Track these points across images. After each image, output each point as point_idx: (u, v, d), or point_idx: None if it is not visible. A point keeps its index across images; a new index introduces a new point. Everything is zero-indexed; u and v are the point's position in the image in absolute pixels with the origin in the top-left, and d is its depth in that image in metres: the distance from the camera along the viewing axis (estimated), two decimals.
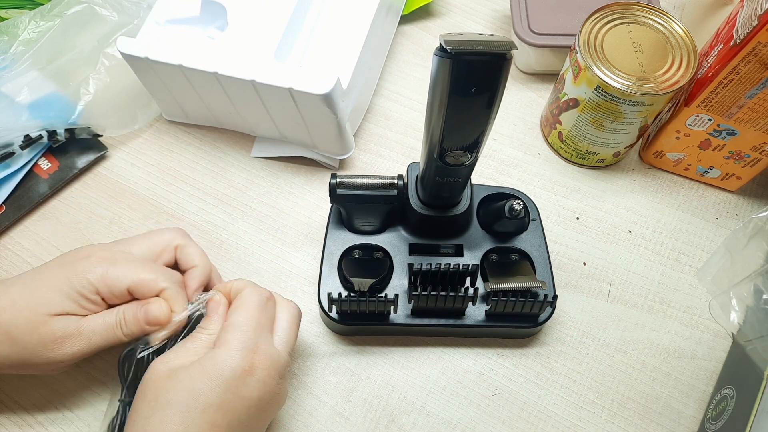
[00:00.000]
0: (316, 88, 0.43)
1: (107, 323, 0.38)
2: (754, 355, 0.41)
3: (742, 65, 0.41)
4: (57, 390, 0.44)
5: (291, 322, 0.39)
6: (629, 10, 0.48)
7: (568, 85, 0.49)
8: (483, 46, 0.28)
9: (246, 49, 0.46)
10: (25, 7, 0.56)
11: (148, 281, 0.39)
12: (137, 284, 0.38)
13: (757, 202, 0.53)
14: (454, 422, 0.44)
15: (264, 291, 0.39)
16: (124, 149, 0.54)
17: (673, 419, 0.44)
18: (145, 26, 0.48)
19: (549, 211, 0.52)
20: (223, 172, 0.53)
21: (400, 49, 0.60)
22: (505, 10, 0.63)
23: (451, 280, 0.42)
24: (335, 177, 0.42)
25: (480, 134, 0.34)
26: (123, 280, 0.38)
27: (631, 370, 0.46)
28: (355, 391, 0.44)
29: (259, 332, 0.36)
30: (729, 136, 0.48)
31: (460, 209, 0.43)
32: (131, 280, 0.38)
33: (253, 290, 0.38)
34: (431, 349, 0.46)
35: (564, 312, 0.48)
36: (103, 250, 0.40)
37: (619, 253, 0.50)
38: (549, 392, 0.45)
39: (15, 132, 0.49)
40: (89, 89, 0.50)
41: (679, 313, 0.48)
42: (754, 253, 0.45)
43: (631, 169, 0.55)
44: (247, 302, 0.38)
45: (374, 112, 0.57)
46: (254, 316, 0.37)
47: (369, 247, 0.45)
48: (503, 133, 0.56)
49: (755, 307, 0.44)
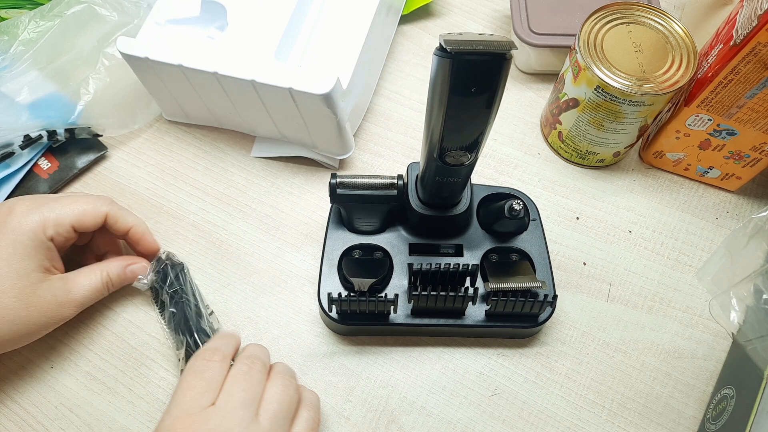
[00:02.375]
0: (316, 88, 0.43)
1: (94, 287, 0.42)
2: (754, 355, 0.41)
3: (742, 65, 0.41)
4: (57, 390, 0.44)
5: (237, 376, 0.37)
6: (629, 10, 0.48)
7: (568, 85, 0.49)
8: (483, 46, 0.28)
9: (246, 49, 0.46)
10: (25, 7, 0.56)
11: (90, 210, 0.41)
12: (80, 217, 0.40)
13: (757, 202, 0.53)
14: (454, 422, 0.44)
15: (204, 354, 0.38)
16: (124, 149, 0.54)
17: (673, 419, 0.44)
18: (145, 26, 0.48)
19: (549, 211, 0.52)
20: (223, 172, 0.53)
21: (400, 49, 0.60)
22: (505, 10, 0.63)
23: (451, 280, 0.42)
24: (335, 177, 0.42)
25: (480, 134, 0.34)
26: (64, 217, 0.40)
27: (631, 370, 0.46)
28: (355, 391, 0.44)
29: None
30: (729, 136, 0.48)
31: (460, 209, 0.43)
32: (73, 214, 0.40)
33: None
34: (431, 349, 0.46)
35: (564, 312, 0.48)
36: (22, 200, 0.41)
37: (619, 253, 0.50)
38: (549, 392, 0.45)
39: (15, 132, 0.49)
40: (89, 89, 0.50)
41: (679, 313, 0.48)
42: (754, 253, 0.45)
43: (631, 169, 0.55)
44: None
45: (374, 112, 0.57)
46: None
47: (369, 247, 0.45)
48: (503, 133, 0.56)
49: (755, 307, 0.44)
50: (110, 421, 0.43)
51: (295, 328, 0.47)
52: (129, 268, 0.44)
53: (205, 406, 0.34)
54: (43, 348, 0.45)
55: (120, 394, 0.44)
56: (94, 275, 0.42)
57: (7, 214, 0.39)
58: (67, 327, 0.45)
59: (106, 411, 0.43)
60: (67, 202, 0.41)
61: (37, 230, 0.39)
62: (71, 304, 0.41)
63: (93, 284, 0.42)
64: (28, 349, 0.45)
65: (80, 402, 0.44)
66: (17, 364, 0.44)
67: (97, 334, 0.46)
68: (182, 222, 0.51)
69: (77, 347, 0.45)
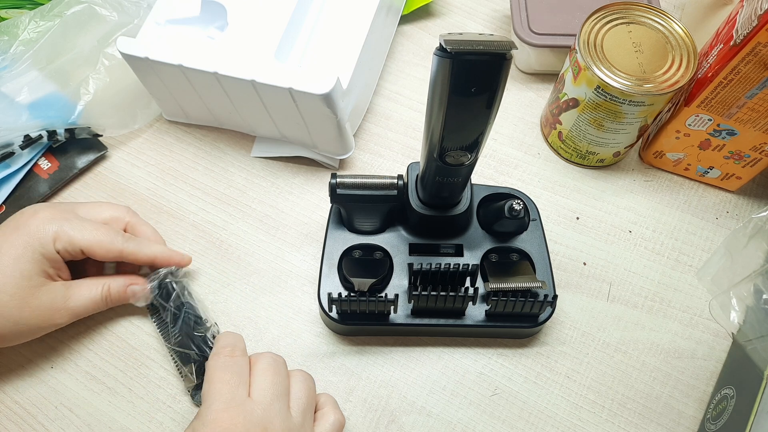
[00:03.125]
0: (316, 88, 0.43)
1: (93, 299, 0.42)
2: (754, 355, 0.41)
3: (742, 65, 0.41)
4: (57, 390, 0.44)
5: (266, 370, 0.38)
6: (629, 10, 0.48)
7: (568, 85, 0.49)
8: (483, 46, 0.28)
9: (246, 49, 0.46)
10: (25, 7, 0.56)
11: (105, 243, 0.41)
12: (92, 245, 0.40)
13: (757, 202, 0.53)
14: (454, 422, 0.44)
15: (223, 350, 0.38)
16: (124, 149, 0.54)
17: (673, 419, 0.44)
18: (145, 26, 0.48)
19: (549, 211, 0.52)
20: (223, 172, 0.53)
21: (400, 49, 0.60)
22: (505, 10, 0.63)
23: (451, 280, 0.42)
24: (335, 177, 0.42)
25: (480, 134, 0.34)
26: (78, 239, 0.40)
27: (631, 370, 0.46)
28: (355, 391, 0.44)
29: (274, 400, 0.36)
30: (729, 136, 0.48)
31: (460, 209, 0.43)
32: (87, 240, 0.40)
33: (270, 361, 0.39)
34: (431, 349, 0.46)
35: (564, 312, 0.48)
36: (48, 207, 0.42)
37: (619, 253, 0.50)
38: (549, 392, 0.45)
39: (15, 132, 0.49)
40: (89, 89, 0.50)
41: (679, 313, 0.48)
42: (754, 253, 0.45)
43: (631, 169, 0.55)
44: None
45: (374, 112, 0.57)
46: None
47: (369, 247, 0.45)
48: (503, 133, 0.56)
49: (755, 307, 0.44)
50: (110, 421, 0.43)
51: (295, 328, 0.47)
52: (130, 288, 0.44)
53: (243, 398, 0.35)
54: (43, 348, 0.45)
55: (120, 394, 0.44)
56: (95, 288, 0.42)
57: (30, 216, 0.40)
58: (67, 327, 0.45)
59: (106, 411, 0.43)
60: (89, 227, 0.41)
61: (48, 240, 0.39)
62: (66, 312, 0.41)
63: (92, 296, 0.42)
64: (28, 349, 0.45)
65: (80, 402, 0.44)
66: (17, 364, 0.44)
67: (97, 334, 0.46)
68: (182, 222, 0.51)
69: (77, 347, 0.45)
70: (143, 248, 0.43)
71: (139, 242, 0.43)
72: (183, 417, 0.43)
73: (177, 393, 0.44)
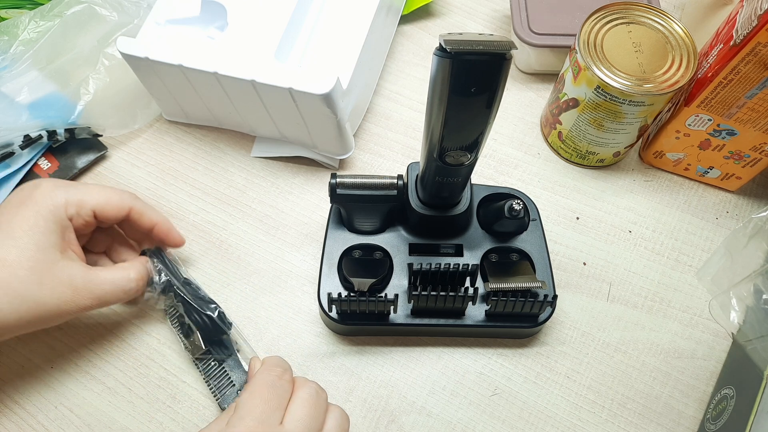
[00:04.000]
0: (316, 88, 0.43)
1: (114, 280, 0.40)
2: (754, 355, 0.41)
3: (741, 65, 0.41)
4: (57, 390, 0.44)
5: (306, 401, 0.37)
6: (629, 10, 0.48)
7: (568, 85, 0.49)
8: (483, 46, 0.28)
9: (246, 49, 0.46)
10: (25, 7, 0.56)
11: (115, 200, 0.40)
12: (103, 204, 0.40)
13: (757, 202, 0.53)
14: (454, 422, 0.44)
15: (275, 370, 0.38)
16: (124, 149, 0.54)
17: (673, 419, 0.44)
18: (145, 26, 0.48)
19: (549, 211, 0.52)
20: (223, 172, 0.53)
21: (400, 49, 0.60)
22: (505, 10, 0.63)
23: (451, 280, 0.42)
24: (335, 177, 0.42)
25: (480, 134, 0.34)
26: (88, 200, 0.39)
27: (631, 370, 0.46)
28: (355, 391, 0.44)
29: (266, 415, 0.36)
30: (729, 136, 0.48)
31: (460, 209, 0.43)
32: (97, 199, 0.40)
33: (263, 370, 0.38)
34: (431, 349, 0.46)
35: (564, 312, 0.48)
36: (50, 179, 0.41)
37: (619, 253, 0.50)
38: (549, 392, 0.45)
39: (15, 132, 0.49)
40: (89, 89, 0.50)
41: (679, 313, 0.48)
42: (754, 253, 0.45)
43: (631, 169, 0.55)
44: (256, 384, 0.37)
45: (374, 112, 0.57)
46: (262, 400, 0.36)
47: (369, 247, 0.45)
48: (503, 133, 0.56)
49: (755, 307, 0.44)
50: (110, 421, 0.43)
51: (295, 328, 0.47)
52: (148, 264, 0.44)
53: (275, 423, 0.35)
54: (43, 348, 0.45)
55: (120, 394, 0.44)
56: (116, 272, 0.41)
57: (33, 188, 0.39)
58: (67, 327, 0.45)
59: (106, 411, 0.43)
60: (94, 189, 0.41)
61: (59, 206, 0.38)
62: (88, 294, 0.39)
63: (114, 278, 0.40)
64: (28, 349, 0.45)
65: (80, 402, 0.44)
66: (17, 364, 0.44)
67: (97, 334, 0.46)
68: (182, 222, 0.51)
69: (77, 347, 0.45)
70: (149, 210, 0.43)
71: (145, 204, 0.43)
72: (183, 417, 0.43)
73: (177, 393, 0.44)
